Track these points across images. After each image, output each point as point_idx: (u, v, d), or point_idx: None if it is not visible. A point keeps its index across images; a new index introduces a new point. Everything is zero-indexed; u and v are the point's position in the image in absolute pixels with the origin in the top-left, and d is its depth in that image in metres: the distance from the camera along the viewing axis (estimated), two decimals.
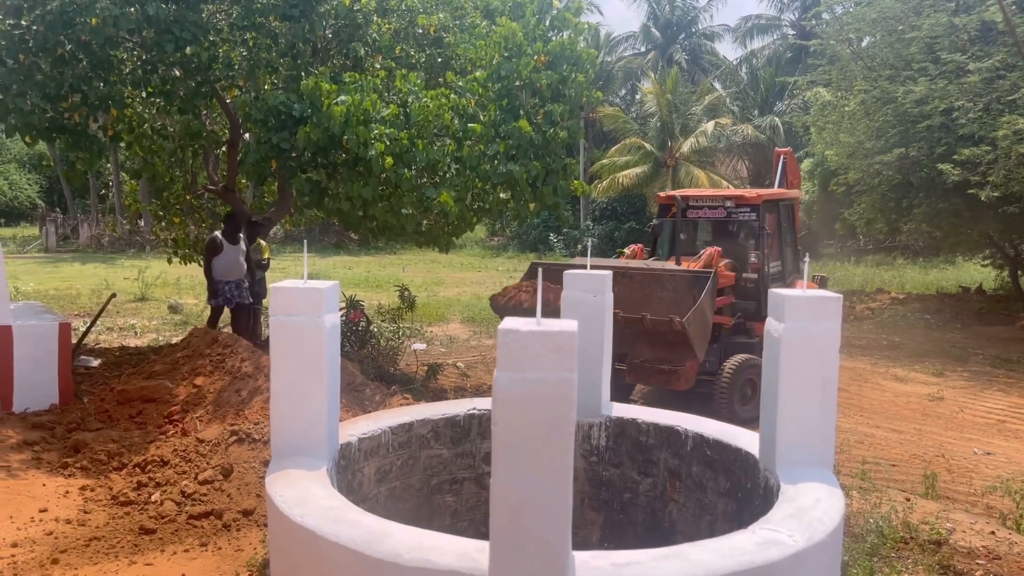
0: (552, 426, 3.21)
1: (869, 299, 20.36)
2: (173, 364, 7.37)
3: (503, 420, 3.23)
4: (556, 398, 3.21)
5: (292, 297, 4.46)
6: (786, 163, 12.07)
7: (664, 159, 33.42)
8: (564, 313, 5.74)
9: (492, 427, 3.25)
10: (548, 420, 3.21)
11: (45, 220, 36.33)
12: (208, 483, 5.47)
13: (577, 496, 6.00)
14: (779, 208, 11.01)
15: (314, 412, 4.53)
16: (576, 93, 8.31)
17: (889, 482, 7.67)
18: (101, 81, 7.79)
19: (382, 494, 5.31)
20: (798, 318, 4.42)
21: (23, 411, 7.12)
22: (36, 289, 21.38)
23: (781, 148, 12.85)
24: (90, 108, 7.77)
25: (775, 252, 10.89)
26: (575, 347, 3.23)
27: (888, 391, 11.76)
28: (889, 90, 14.66)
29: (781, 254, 11.02)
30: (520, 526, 3.22)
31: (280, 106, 7.40)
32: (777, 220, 10.94)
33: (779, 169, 12.10)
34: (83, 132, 8.01)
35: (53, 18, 7.34)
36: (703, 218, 10.90)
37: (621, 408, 5.88)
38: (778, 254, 10.96)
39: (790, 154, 12.40)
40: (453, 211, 7.35)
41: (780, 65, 35.64)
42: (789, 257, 11.36)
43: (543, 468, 3.23)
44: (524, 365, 3.21)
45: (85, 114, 7.86)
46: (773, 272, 10.73)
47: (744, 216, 10.53)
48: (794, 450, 4.46)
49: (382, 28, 8.54)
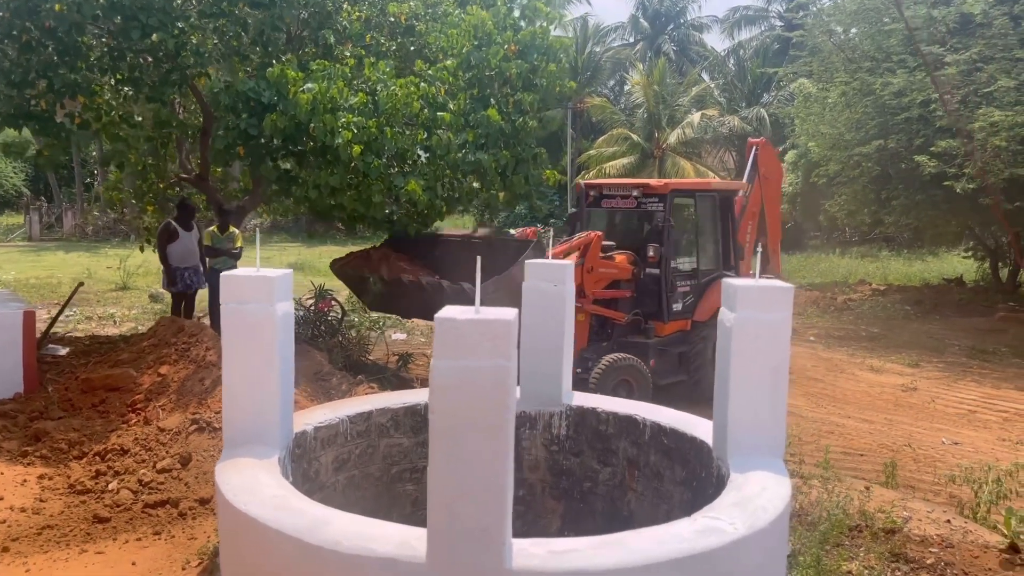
0: (488, 414, 3.21)
1: (850, 290, 20.43)
2: (139, 353, 7.35)
3: (439, 408, 3.24)
4: (492, 386, 3.22)
5: (243, 285, 4.45)
6: (758, 154, 11.73)
7: (651, 150, 33.44)
8: (524, 302, 5.75)
9: (429, 415, 3.25)
10: (484, 408, 3.21)
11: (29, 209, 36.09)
12: (166, 472, 5.46)
13: (538, 485, 6.03)
14: (700, 200, 10.26)
15: (266, 401, 4.52)
16: (549, 82, 8.29)
17: (854, 471, 7.72)
18: (68, 68, 7.72)
19: (340, 483, 5.31)
20: (750, 307, 4.43)
21: None
22: (16, 278, 21.26)
23: (754, 139, 12.60)
24: (56, 95, 7.71)
25: (686, 246, 10.19)
26: (512, 335, 3.23)
27: (863, 381, 11.83)
28: (868, 82, 14.68)
29: (697, 249, 10.20)
30: (457, 514, 3.23)
31: (249, 92, 7.36)
32: (695, 212, 10.24)
33: (750, 160, 11.79)
34: (50, 119, 7.94)
35: (19, 4, 7.27)
36: (615, 208, 10.16)
37: (582, 397, 5.89)
38: (691, 249, 10.21)
39: (764, 144, 12.04)
40: (422, 200, 7.33)
41: (767, 57, 35.63)
42: (715, 253, 10.47)
43: (480, 456, 3.24)
44: (461, 353, 3.22)
45: (52, 101, 7.79)
46: (683, 268, 9.99)
47: (652, 206, 9.81)
48: (745, 439, 4.47)
49: (352, 16, 8.49)
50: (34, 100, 7.77)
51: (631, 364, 8.84)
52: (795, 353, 13.62)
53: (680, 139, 32.49)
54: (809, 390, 11.25)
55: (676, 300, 9.83)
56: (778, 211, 12.68)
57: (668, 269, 9.63)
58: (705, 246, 10.41)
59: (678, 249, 9.98)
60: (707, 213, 10.42)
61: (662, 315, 9.66)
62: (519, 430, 5.92)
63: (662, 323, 9.67)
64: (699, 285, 10.06)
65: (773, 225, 12.24)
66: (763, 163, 11.76)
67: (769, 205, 11.94)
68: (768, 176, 11.86)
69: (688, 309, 9.97)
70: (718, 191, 10.62)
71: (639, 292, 9.69)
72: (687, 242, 10.26)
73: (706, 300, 9.95)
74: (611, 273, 9.35)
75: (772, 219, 12.12)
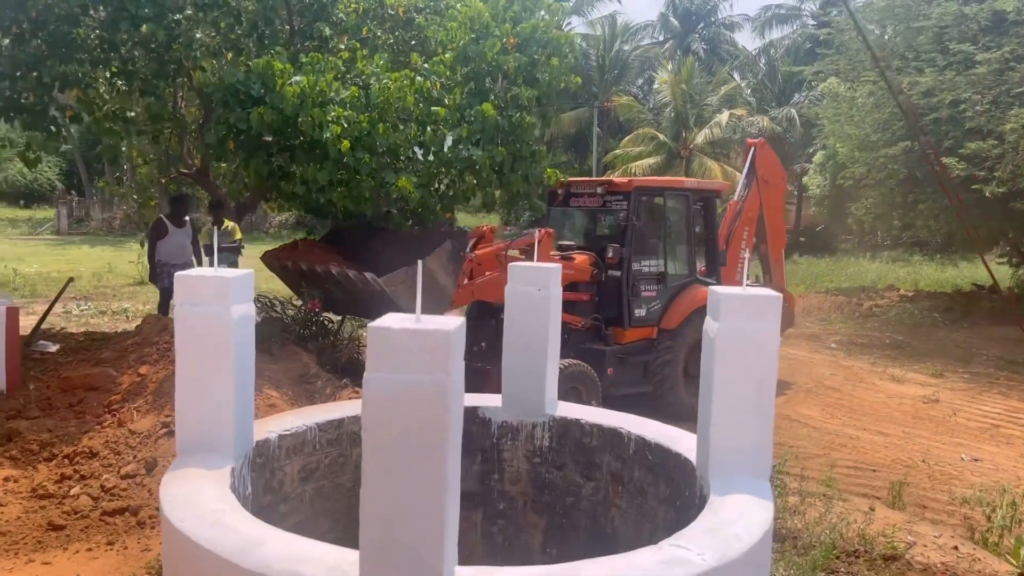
0: (426, 433, 2.95)
1: (877, 296, 19.89)
2: (122, 351, 7.18)
3: (372, 425, 2.98)
4: (430, 401, 2.95)
5: (197, 286, 4.22)
6: (756, 155, 11.02)
7: (678, 150, 32.98)
8: (507, 307, 5.48)
9: (362, 432, 3.00)
10: (421, 425, 2.95)
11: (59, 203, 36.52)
12: (130, 477, 5.27)
13: (519, 498, 5.75)
14: (670, 199, 9.69)
15: (220, 407, 4.29)
16: (551, 77, 8.00)
17: (864, 488, 7.35)
18: (59, 60, 7.59)
19: (307, 493, 5.08)
20: (734, 317, 4.11)
21: None
22: (38, 271, 21.42)
23: (752, 139, 11.96)
24: (45, 88, 7.57)
25: (652, 248, 9.51)
26: (453, 347, 2.96)
27: (882, 392, 11.39)
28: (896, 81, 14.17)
29: (665, 252, 9.56)
30: (391, 539, 2.98)
31: (238, 84, 7.16)
32: (665, 213, 9.66)
33: (748, 162, 11.08)
34: (42, 112, 7.82)
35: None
36: (582, 207, 9.62)
37: (566, 407, 5.60)
38: (659, 251, 9.55)
39: (762, 145, 11.30)
40: (413, 197, 7.09)
41: (799, 56, 34.98)
42: (688, 257, 9.84)
43: (416, 477, 2.98)
44: (396, 365, 2.96)
45: (41, 94, 7.67)
46: (648, 271, 9.37)
47: (616, 205, 9.29)
48: (728, 458, 4.17)
49: (349, 8, 8.27)
50: (25, 93, 7.65)
51: (581, 371, 8.31)
52: (814, 361, 13.31)
53: (708, 139, 32.00)
54: (825, 400, 10.84)
55: (640, 305, 9.24)
56: (780, 217, 11.85)
57: (630, 272, 9.10)
58: (675, 249, 9.84)
59: (643, 251, 9.38)
60: (679, 214, 9.85)
61: (622, 321, 9.10)
62: (500, 440, 5.66)
63: (622, 329, 9.12)
64: (667, 290, 9.44)
65: (775, 232, 11.45)
66: (762, 165, 11.03)
67: (769, 210, 11.15)
68: (767, 179, 11.09)
69: (654, 316, 9.33)
70: (692, 191, 9.98)
71: (600, 296, 9.14)
72: (654, 244, 9.60)
73: (675, 307, 9.35)
74: (566, 274, 8.85)
75: (773, 225, 11.33)
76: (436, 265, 7.30)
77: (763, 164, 11.05)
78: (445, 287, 7.53)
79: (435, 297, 7.38)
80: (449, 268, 7.51)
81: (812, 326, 16.46)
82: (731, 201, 11.04)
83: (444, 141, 7.29)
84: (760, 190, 10.99)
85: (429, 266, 7.11)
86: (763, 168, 11.01)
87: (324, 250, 8.12)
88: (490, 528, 5.65)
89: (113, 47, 7.77)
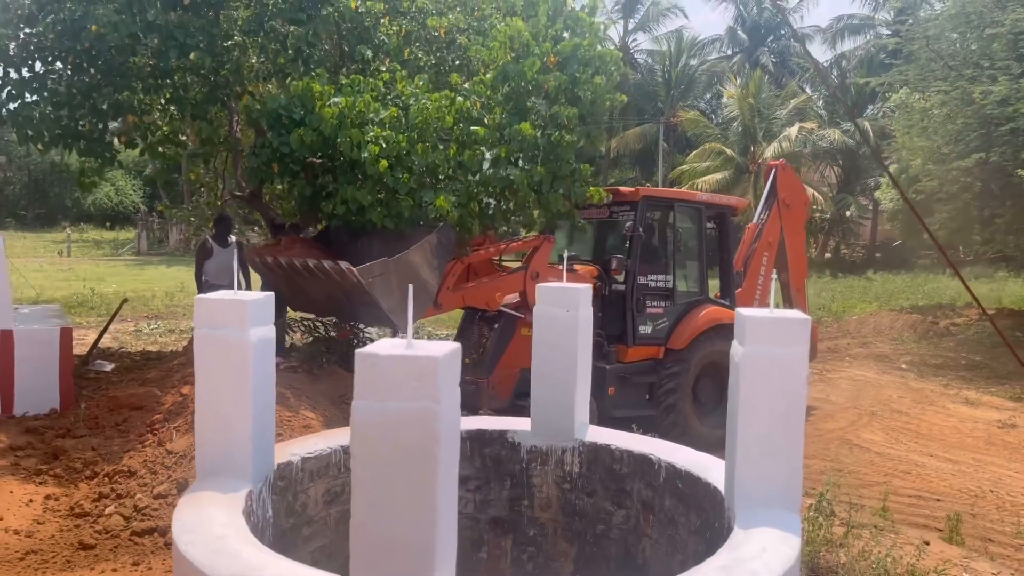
0: (414, 461, 2.87)
1: (955, 314, 19.03)
2: (167, 371, 7.33)
3: (361, 454, 2.92)
4: (418, 430, 2.87)
5: (215, 309, 4.25)
6: (777, 177, 10.42)
7: (746, 164, 32.38)
8: (535, 329, 5.37)
9: (351, 462, 2.94)
10: (409, 455, 2.87)
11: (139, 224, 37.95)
12: (162, 497, 5.32)
13: (550, 525, 5.61)
14: (681, 212, 9.21)
15: (238, 430, 4.30)
16: (594, 96, 7.89)
17: (924, 519, 6.97)
18: (112, 87, 7.84)
19: (332, 516, 5.05)
20: (760, 341, 3.94)
21: (23, 415, 7.19)
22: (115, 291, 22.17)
23: (774, 160, 11.28)
24: (99, 115, 7.83)
25: (661, 263, 9.04)
26: (441, 373, 2.87)
27: (954, 416, 10.84)
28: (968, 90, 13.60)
29: (674, 267, 9.04)
30: (380, 570, 2.90)
31: (280, 109, 7.27)
32: (675, 226, 9.17)
33: (768, 184, 10.46)
34: (98, 139, 8.09)
35: (64, 27, 7.42)
36: (590, 218, 9.19)
37: (595, 432, 5.45)
38: (668, 266, 9.03)
39: (783, 167, 10.70)
40: (452, 216, 7.06)
41: (872, 67, 33.95)
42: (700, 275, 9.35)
43: (404, 508, 2.90)
44: (383, 393, 2.89)
45: (96, 121, 7.93)
46: (655, 286, 8.88)
47: (624, 215, 8.87)
48: (754, 489, 3.97)
49: (391, 30, 8.33)
50: (81, 121, 7.92)
51: None
52: (882, 383, 12.77)
53: (777, 153, 31.27)
54: (890, 424, 10.37)
55: (645, 322, 8.77)
56: (802, 244, 11.08)
57: (636, 285, 8.66)
58: (685, 265, 9.38)
59: (650, 264, 8.92)
60: (691, 229, 9.41)
61: (626, 338, 8.63)
62: (530, 465, 5.54)
63: (626, 347, 8.64)
64: (675, 308, 8.95)
65: (796, 260, 10.69)
66: (783, 188, 10.42)
67: (791, 236, 10.50)
68: (789, 203, 10.47)
69: (660, 334, 8.82)
70: (705, 204, 9.48)
71: (603, 310, 8.54)
72: (663, 258, 9.11)
73: (684, 326, 8.84)
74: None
75: (795, 253, 10.59)
76: (419, 259, 6.97)
77: (785, 187, 10.47)
78: (427, 282, 7.13)
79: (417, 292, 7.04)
80: (433, 263, 7.13)
81: (882, 346, 15.84)
82: (750, 224, 10.44)
83: (482, 161, 7.24)
84: (781, 214, 10.40)
85: (412, 259, 6.83)
86: (785, 191, 10.43)
87: (306, 245, 7.88)
88: (520, 556, 5.52)
89: (165, 74, 7.99)
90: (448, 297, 7.72)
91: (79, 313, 16.75)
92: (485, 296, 7.90)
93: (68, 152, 8.15)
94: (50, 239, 39.32)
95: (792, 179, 10.79)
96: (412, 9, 8.51)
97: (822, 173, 36.37)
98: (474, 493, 5.53)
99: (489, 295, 7.92)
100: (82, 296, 19.25)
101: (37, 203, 50.99)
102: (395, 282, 6.73)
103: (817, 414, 10.59)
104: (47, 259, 30.38)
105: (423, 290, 7.01)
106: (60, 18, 7.44)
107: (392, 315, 6.79)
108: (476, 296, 7.88)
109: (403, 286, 6.67)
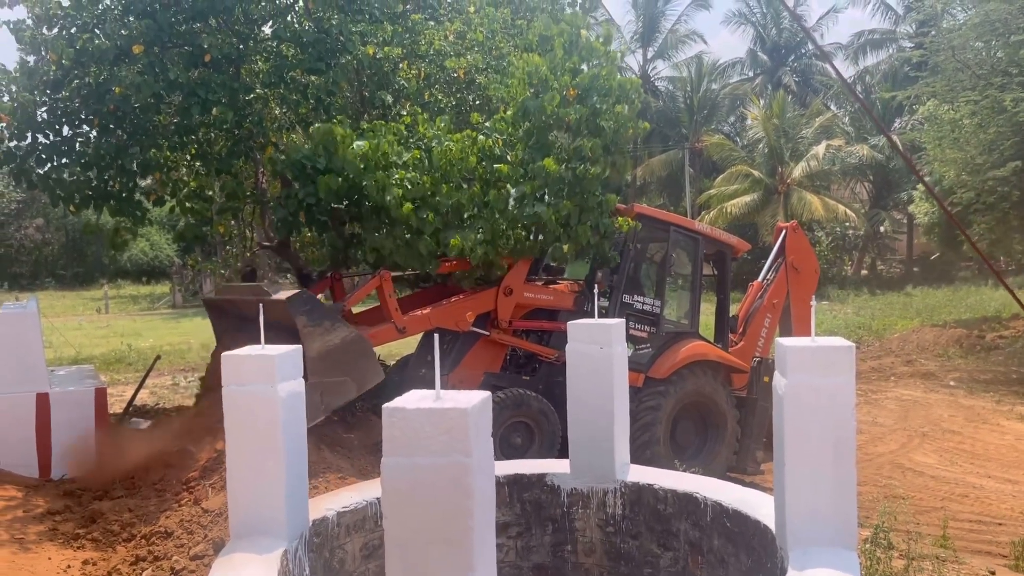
0: (446, 521, 2.75)
1: (1002, 327, 18.52)
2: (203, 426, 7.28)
3: (392, 514, 2.81)
4: (450, 485, 2.76)
5: (242, 365, 4.20)
6: (787, 239, 9.93)
7: (775, 185, 32.08)
8: (569, 367, 5.25)
9: (384, 522, 2.83)
10: (442, 514, 2.76)
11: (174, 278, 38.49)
12: (199, 559, 5.23)
13: (595, 570, 5.44)
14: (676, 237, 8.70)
15: (271, 488, 4.22)
16: (617, 125, 7.82)
17: (987, 545, 6.67)
18: (139, 147, 7.94)
19: (371, 571, 4.93)
20: (803, 371, 3.79)
21: (60, 477, 7.19)
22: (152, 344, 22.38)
23: (784, 223, 10.67)
24: (128, 175, 7.93)
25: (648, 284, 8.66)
26: (471, 425, 2.76)
27: (1009, 433, 10.47)
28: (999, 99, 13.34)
29: (663, 292, 8.63)
30: None
31: (304, 159, 7.28)
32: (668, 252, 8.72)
33: (777, 244, 9.98)
34: (128, 198, 8.18)
35: (89, 90, 7.54)
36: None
37: (637, 471, 5.30)
38: (657, 290, 8.67)
39: (794, 228, 10.20)
40: (475, 254, 7.01)
41: (896, 80, 33.61)
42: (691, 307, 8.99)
43: (441, 566, 2.78)
44: (412, 449, 2.79)
45: (125, 181, 8.03)
46: (640, 308, 8.43)
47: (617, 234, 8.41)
48: (805, 527, 3.80)
49: (410, 74, 8.36)
50: (111, 181, 8.02)
51: (526, 401, 7.42)
52: (931, 401, 12.40)
53: (805, 172, 31.00)
54: (943, 445, 10.03)
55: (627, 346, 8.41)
56: (808, 312, 10.65)
57: (619, 304, 8.23)
58: (676, 294, 9.00)
59: (638, 285, 8.54)
60: (685, 257, 9.02)
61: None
62: (571, 509, 5.38)
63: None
64: (660, 336, 8.49)
65: (800, 324, 9.90)
66: (793, 251, 9.90)
67: (796, 302, 9.87)
68: (798, 267, 9.91)
69: (641, 360, 8.26)
70: (703, 236, 8.97)
71: None
72: (652, 280, 8.72)
73: (668, 355, 8.34)
74: (541, 300, 7.99)
75: (799, 320, 9.87)
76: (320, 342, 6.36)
77: (794, 250, 9.97)
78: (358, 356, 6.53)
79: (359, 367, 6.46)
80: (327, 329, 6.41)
81: (927, 363, 15.42)
82: (754, 282, 9.95)
83: (508, 199, 7.19)
84: (789, 277, 9.90)
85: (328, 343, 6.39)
86: (794, 254, 9.92)
87: (244, 286, 7.65)
88: None
89: (190, 131, 8.09)
90: (414, 320, 7.36)
91: (116, 369, 16.88)
92: (455, 316, 7.52)
93: (100, 212, 8.25)
94: (88, 297, 39.97)
95: (803, 243, 10.33)
96: (430, 52, 8.56)
97: (853, 190, 35.94)
98: (515, 540, 5.38)
99: (459, 314, 7.55)
100: (119, 352, 19.43)
101: (75, 262, 51.96)
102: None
103: (865, 437, 10.27)
104: (86, 317, 30.83)
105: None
106: (85, 82, 7.57)
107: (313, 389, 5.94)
108: (445, 316, 7.49)
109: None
